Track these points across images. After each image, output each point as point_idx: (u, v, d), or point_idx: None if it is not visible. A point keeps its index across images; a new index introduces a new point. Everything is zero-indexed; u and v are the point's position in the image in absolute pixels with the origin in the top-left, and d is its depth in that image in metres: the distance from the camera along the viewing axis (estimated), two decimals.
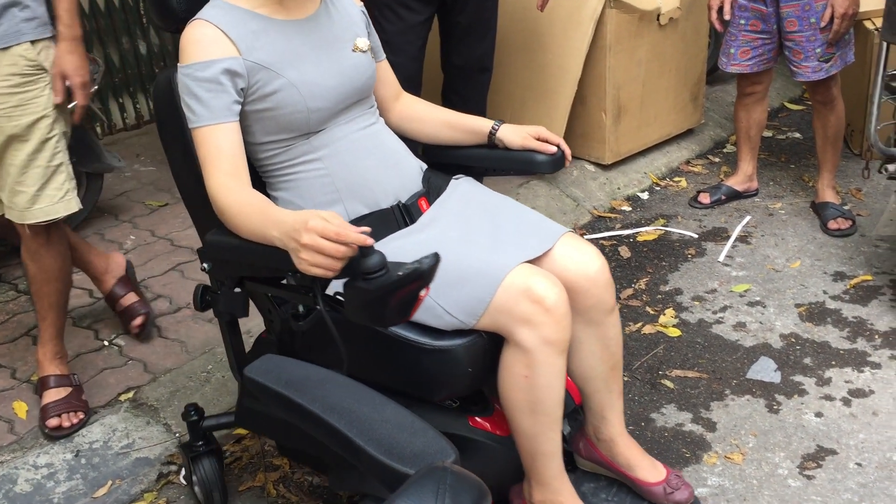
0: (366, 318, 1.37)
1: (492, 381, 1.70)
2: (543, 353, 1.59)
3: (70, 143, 3.13)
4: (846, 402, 2.34)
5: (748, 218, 3.41)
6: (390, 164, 1.79)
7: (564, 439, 1.82)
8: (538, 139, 1.89)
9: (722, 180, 3.66)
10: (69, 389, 2.32)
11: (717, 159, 4.01)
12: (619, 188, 3.69)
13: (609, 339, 1.82)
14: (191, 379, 2.47)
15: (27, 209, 2.15)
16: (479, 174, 1.97)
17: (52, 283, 2.27)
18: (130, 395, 2.42)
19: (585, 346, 1.79)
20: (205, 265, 1.69)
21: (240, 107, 1.62)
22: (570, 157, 1.91)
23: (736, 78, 3.42)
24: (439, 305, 1.59)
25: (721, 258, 3.13)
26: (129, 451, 2.23)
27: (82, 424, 2.28)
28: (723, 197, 3.54)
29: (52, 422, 2.24)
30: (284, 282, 1.65)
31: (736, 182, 3.56)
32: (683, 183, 3.79)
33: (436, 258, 1.31)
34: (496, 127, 1.90)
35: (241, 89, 1.62)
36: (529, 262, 1.65)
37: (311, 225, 1.30)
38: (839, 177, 3.54)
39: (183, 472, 2.09)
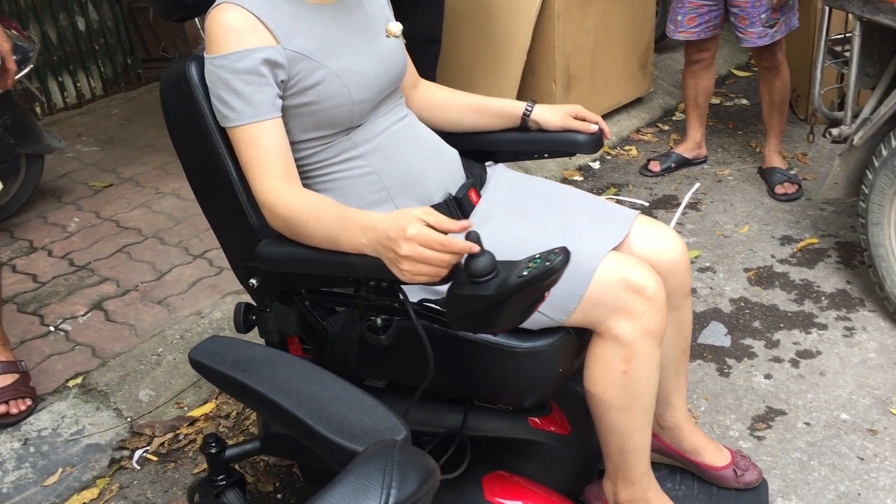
0: (474, 325, 1.26)
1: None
2: (644, 345, 1.49)
3: (8, 123, 3.06)
4: (794, 364, 2.39)
5: (697, 185, 3.44)
6: (433, 156, 1.65)
7: None
8: (576, 118, 1.76)
9: (671, 148, 3.69)
10: (16, 376, 2.26)
11: (666, 127, 4.04)
12: (569, 158, 3.70)
13: (684, 322, 1.75)
14: (141, 362, 2.42)
15: None
16: (505, 159, 1.85)
17: None
18: (79, 380, 2.37)
19: None
20: (252, 281, 1.51)
21: (281, 101, 1.45)
22: (609, 135, 1.79)
23: (683, 45, 3.44)
24: None
25: (672, 225, 3.16)
26: (79, 438, 2.19)
27: (30, 412, 2.23)
28: (672, 164, 3.57)
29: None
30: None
31: (685, 149, 3.59)
32: (634, 151, 3.81)
33: (566, 254, 1.19)
34: (529, 108, 1.76)
35: (282, 82, 1.44)
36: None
37: (410, 234, 1.19)
38: (785, 142, 3.59)
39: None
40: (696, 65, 3.39)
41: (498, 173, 1.77)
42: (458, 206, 1.62)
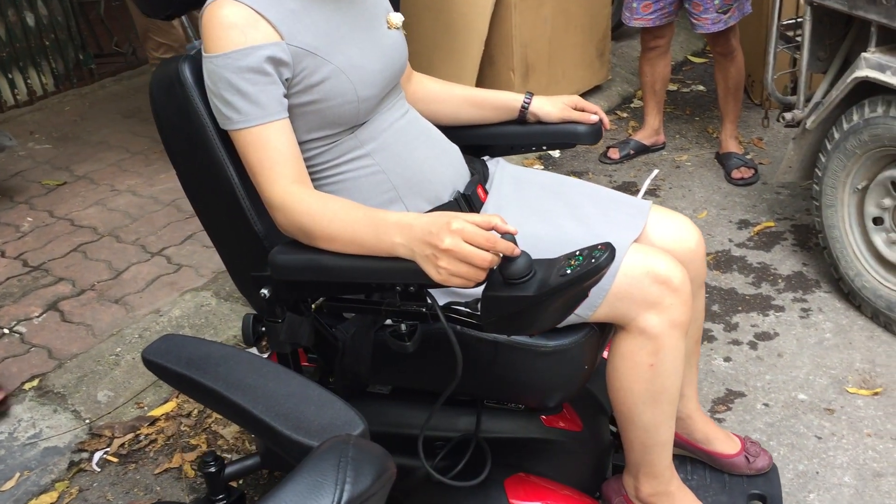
0: (511, 327, 1.23)
1: None
2: (671, 337, 1.45)
3: None
4: (753, 346, 2.42)
5: (656, 171, 3.46)
6: (439, 152, 1.59)
7: (612, 422, 1.73)
8: (574, 108, 1.73)
9: (630, 135, 3.71)
10: None
11: (624, 114, 4.06)
12: None
13: (698, 312, 1.72)
14: (99, 363, 2.38)
15: None
16: (500, 153, 1.81)
17: None
18: (35, 383, 2.33)
19: None
20: (264, 291, 1.41)
21: (286, 101, 1.38)
22: (608, 125, 1.75)
23: (640, 33, 3.46)
24: None
25: None
26: (36, 441, 2.15)
27: None
28: (631, 151, 3.59)
29: None
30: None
31: (643, 136, 3.62)
32: None
33: (612, 251, 1.15)
34: (528, 100, 1.72)
35: (286, 80, 1.37)
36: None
37: (455, 227, 1.14)
38: (741, 127, 3.63)
39: None
40: (652, 52, 3.41)
41: (500, 168, 1.73)
42: (467, 203, 1.56)
